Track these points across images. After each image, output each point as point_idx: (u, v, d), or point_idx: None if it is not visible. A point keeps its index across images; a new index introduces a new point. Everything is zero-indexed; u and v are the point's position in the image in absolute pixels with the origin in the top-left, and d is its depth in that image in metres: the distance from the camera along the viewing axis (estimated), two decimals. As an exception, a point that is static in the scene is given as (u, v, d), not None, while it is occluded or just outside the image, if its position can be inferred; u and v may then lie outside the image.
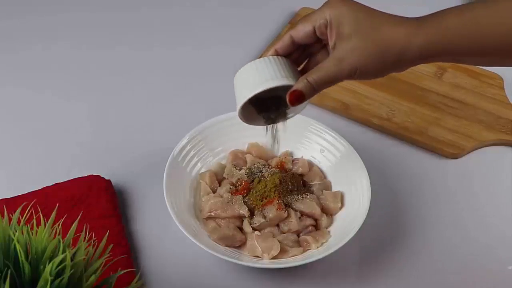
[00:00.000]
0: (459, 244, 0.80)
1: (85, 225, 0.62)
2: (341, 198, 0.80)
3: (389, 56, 0.59)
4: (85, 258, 0.55)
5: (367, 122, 0.94)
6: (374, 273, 0.76)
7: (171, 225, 0.74)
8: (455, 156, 0.90)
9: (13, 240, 0.52)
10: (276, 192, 0.77)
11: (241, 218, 0.77)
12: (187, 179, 0.81)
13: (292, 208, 0.77)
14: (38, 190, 0.80)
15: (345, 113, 0.94)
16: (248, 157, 0.84)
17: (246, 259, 0.73)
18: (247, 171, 0.81)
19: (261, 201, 0.77)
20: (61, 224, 0.57)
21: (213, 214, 0.77)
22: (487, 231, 0.82)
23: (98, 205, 0.78)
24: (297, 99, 0.62)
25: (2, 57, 1.03)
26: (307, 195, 0.79)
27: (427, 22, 0.59)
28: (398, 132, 0.92)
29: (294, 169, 0.83)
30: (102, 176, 0.82)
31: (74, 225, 0.56)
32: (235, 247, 0.75)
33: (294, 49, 0.65)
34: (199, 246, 0.70)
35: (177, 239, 0.75)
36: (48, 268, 0.50)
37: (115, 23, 1.10)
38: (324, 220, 0.78)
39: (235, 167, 0.83)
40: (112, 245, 0.62)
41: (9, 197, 0.79)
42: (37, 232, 0.54)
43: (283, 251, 0.74)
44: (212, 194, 0.80)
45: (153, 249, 0.77)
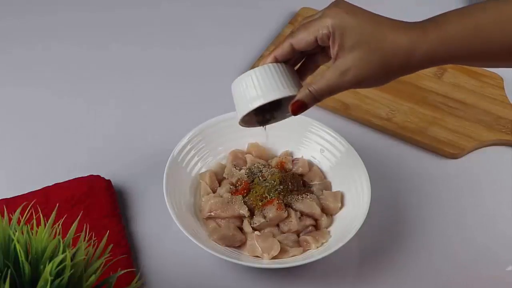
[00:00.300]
0: (459, 244, 0.80)
1: (85, 225, 0.62)
2: (341, 198, 0.80)
3: (393, 66, 0.60)
4: (85, 258, 0.55)
5: (367, 122, 0.94)
6: (374, 273, 0.76)
7: (171, 225, 0.74)
8: (455, 156, 0.90)
9: (13, 240, 0.52)
10: (276, 192, 0.77)
11: (241, 218, 0.77)
12: (187, 179, 0.81)
13: (292, 208, 0.77)
14: (38, 190, 0.80)
15: (345, 113, 0.94)
16: (248, 157, 0.84)
17: (246, 259, 0.73)
18: (247, 171, 0.82)
19: (261, 201, 0.77)
20: (61, 224, 0.57)
21: (213, 214, 0.77)
22: (488, 231, 0.82)
23: (98, 205, 0.78)
24: (299, 109, 0.64)
25: (2, 57, 1.03)
26: (307, 195, 0.79)
27: (429, 30, 0.58)
28: (398, 132, 0.92)
29: (294, 169, 0.83)
30: (102, 176, 0.82)
31: (74, 225, 0.56)
32: (235, 247, 0.75)
33: (293, 55, 0.64)
34: (199, 246, 0.70)
35: (177, 239, 0.75)
36: (48, 268, 0.50)
37: (115, 23, 1.10)
38: (324, 220, 0.78)
39: (235, 167, 0.83)
40: (112, 245, 0.62)
41: (9, 197, 0.79)
42: (37, 232, 0.54)
43: (283, 251, 0.74)
44: (212, 194, 0.80)
45: (153, 249, 0.77)
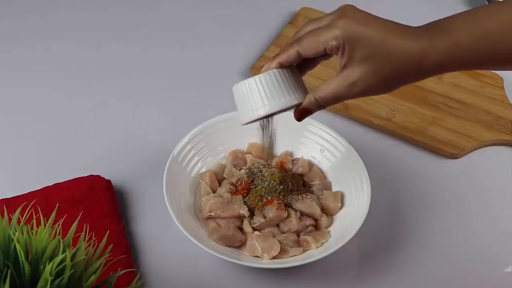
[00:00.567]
0: (459, 244, 0.80)
1: (85, 225, 0.62)
2: (341, 198, 0.80)
3: (402, 77, 0.60)
4: (85, 258, 0.55)
5: (367, 122, 0.93)
6: (374, 273, 0.76)
7: (171, 225, 0.74)
8: (455, 156, 0.90)
9: (13, 240, 0.52)
10: (276, 192, 0.77)
11: (241, 218, 0.77)
12: (187, 179, 0.81)
13: (292, 208, 0.77)
14: (38, 190, 0.79)
15: (345, 113, 0.94)
16: (248, 157, 0.84)
17: (246, 259, 0.73)
18: (247, 171, 0.81)
19: (261, 201, 0.77)
20: (61, 224, 0.57)
21: (213, 214, 0.77)
22: (488, 231, 0.82)
23: (98, 205, 0.78)
24: (304, 116, 0.64)
25: (2, 57, 1.03)
26: (307, 195, 0.79)
27: (436, 38, 0.58)
28: (398, 132, 0.92)
29: (294, 169, 0.83)
30: (102, 176, 0.82)
31: (74, 225, 0.56)
32: (235, 247, 0.75)
33: (298, 61, 0.63)
34: (199, 246, 0.70)
35: (177, 239, 0.75)
36: (48, 268, 0.50)
37: (116, 23, 1.10)
38: (324, 220, 0.78)
39: (235, 167, 0.83)
40: (112, 245, 0.62)
41: (9, 197, 0.79)
42: (37, 232, 0.54)
43: (283, 251, 0.74)
44: (212, 194, 0.80)
45: (153, 249, 0.77)
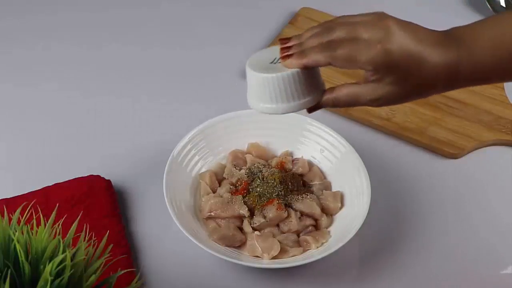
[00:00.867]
0: (459, 244, 0.80)
1: (85, 225, 0.62)
2: (341, 198, 0.80)
3: (423, 95, 0.61)
4: (85, 258, 0.55)
5: (367, 122, 0.93)
6: (374, 273, 0.76)
7: (171, 225, 0.74)
8: (455, 156, 0.90)
9: (13, 240, 0.52)
10: (276, 192, 0.77)
11: (241, 218, 0.77)
12: (187, 179, 0.81)
13: (292, 208, 0.77)
14: (38, 190, 0.79)
15: (345, 113, 0.94)
16: (248, 157, 0.84)
17: (246, 259, 0.73)
18: (247, 171, 0.81)
19: (261, 201, 0.77)
20: (61, 224, 0.57)
21: (213, 214, 0.77)
22: (488, 232, 0.81)
23: (98, 205, 0.78)
24: (316, 110, 0.64)
25: (2, 57, 1.03)
26: (307, 195, 0.79)
27: (461, 50, 0.58)
28: (398, 132, 0.92)
29: (294, 169, 0.83)
30: (102, 176, 0.82)
31: (74, 225, 0.57)
32: (235, 247, 0.75)
33: None
34: (199, 246, 0.70)
35: (177, 239, 0.75)
36: (48, 268, 0.50)
37: (116, 23, 1.10)
38: (324, 220, 0.78)
39: (235, 167, 0.83)
40: (112, 245, 0.62)
41: (9, 197, 0.79)
42: (37, 232, 0.54)
43: (283, 251, 0.74)
44: (212, 194, 0.80)
45: (153, 249, 0.77)
